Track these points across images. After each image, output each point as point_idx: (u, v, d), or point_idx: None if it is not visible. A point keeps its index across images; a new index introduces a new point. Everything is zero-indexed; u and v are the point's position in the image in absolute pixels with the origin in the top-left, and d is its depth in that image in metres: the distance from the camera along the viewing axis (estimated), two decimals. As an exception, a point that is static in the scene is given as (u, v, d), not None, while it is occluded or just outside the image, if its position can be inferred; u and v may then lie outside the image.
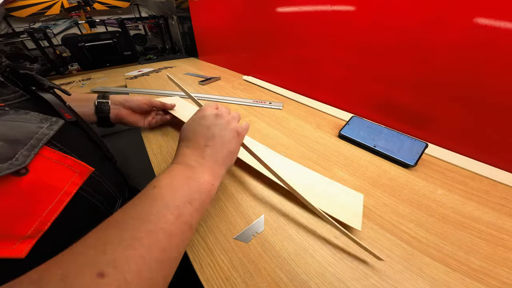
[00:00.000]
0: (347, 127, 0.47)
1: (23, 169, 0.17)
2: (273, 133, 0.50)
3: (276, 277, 0.23)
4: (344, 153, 0.43)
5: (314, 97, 0.67)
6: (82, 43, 1.31)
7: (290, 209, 0.31)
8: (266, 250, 0.26)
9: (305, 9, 0.59)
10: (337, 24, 0.52)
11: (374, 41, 0.46)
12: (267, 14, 0.72)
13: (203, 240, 0.27)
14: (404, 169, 0.38)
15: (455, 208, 0.31)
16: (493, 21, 0.32)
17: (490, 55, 0.33)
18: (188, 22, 1.35)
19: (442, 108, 0.41)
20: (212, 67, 1.17)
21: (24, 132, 0.19)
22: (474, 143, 0.39)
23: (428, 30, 0.38)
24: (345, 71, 0.55)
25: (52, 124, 0.21)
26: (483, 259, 0.25)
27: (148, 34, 1.90)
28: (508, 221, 0.29)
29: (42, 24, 1.48)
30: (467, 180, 0.36)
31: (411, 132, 0.46)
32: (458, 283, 0.23)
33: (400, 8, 0.41)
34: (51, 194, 0.19)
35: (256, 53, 0.87)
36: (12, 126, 0.19)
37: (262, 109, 0.62)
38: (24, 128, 0.19)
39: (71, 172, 0.22)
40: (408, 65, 0.43)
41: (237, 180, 0.36)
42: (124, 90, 0.92)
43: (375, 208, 0.31)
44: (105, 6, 1.68)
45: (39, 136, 0.19)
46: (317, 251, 0.25)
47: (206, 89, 0.81)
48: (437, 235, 0.27)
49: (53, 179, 0.20)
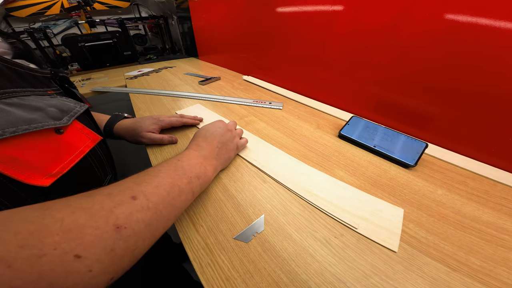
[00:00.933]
0: (347, 127, 0.47)
1: (62, 129, 0.27)
2: (273, 133, 0.50)
3: (276, 277, 0.23)
4: (344, 153, 0.43)
5: (314, 97, 0.67)
6: (82, 43, 1.31)
7: (290, 209, 0.31)
8: (266, 250, 0.26)
9: (305, 9, 0.59)
10: (337, 24, 0.52)
11: (375, 41, 0.46)
12: (267, 14, 0.72)
13: (203, 240, 0.27)
14: (404, 169, 0.38)
15: (455, 208, 0.31)
16: (494, 21, 0.32)
17: (490, 55, 0.33)
18: (188, 22, 1.35)
19: (442, 108, 0.41)
20: (212, 67, 1.17)
21: (68, 107, 0.30)
22: (474, 143, 0.39)
23: (427, 30, 0.38)
24: (345, 71, 0.55)
25: (82, 106, 0.32)
26: (483, 259, 0.25)
27: (148, 34, 1.90)
28: (508, 221, 0.29)
29: (42, 24, 1.48)
30: (467, 180, 0.36)
31: (411, 132, 0.46)
32: (458, 283, 0.23)
33: (400, 8, 0.41)
34: (73, 150, 0.28)
35: (256, 53, 0.87)
36: (61, 102, 0.29)
37: (262, 109, 0.62)
38: (67, 105, 0.30)
39: (87, 138, 0.31)
40: (408, 65, 0.43)
41: (237, 180, 0.36)
42: (124, 90, 0.92)
43: (375, 208, 0.31)
44: (105, 6, 1.68)
45: (75, 111, 0.30)
46: (317, 251, 0.25)
47: (206, 89, 0.81)
48: (437, 235, 0.27)
49: (76, 140, 0.29)
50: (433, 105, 0.42)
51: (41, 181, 0.24)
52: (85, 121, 0.33)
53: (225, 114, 0.60)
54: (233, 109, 0.62)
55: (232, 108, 0.63)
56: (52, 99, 0.28)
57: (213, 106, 0.65)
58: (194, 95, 0.74)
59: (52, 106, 0.27)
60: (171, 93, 0.77)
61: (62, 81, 0.34)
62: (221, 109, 0.63)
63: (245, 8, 0.83)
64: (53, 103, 0.27)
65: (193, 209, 0.31)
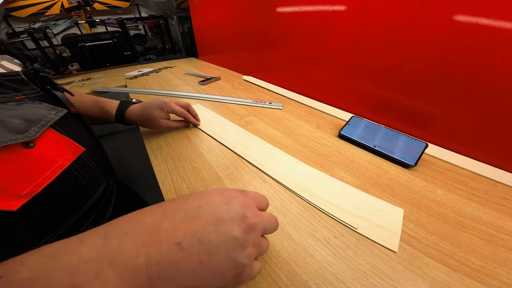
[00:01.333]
0: (347, 127, 0.47)
1: (32, 143, 0.22)
2: (273, 133, 0.50)
3: (276, 277, 0.23)
4: (344, 153, 0.43)
5: (314, 97, 0.67)
6: (82, 43, 1.31)
7: (290, 209, 0.31)
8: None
9: (305, 9, 0.59)
10: (337, 24, 0.52)
11: (375, 41, 0.46)
12: (267, 14, 0.72)
13: (203, 240, 0.27)
14: (404, 169, 0.38)
15: (455, 208, 0.31)
16: (494, 21, 0.32)
17: (490, 55, 0.33)
18: (188, 22, 1.35)
19: (442, 107, 0.41)
20: (212, 67, 1.17)
21: (37, 115, 0.24)
22: (474, 143, 0.39)
23: (427, 30, 0.38)
24: (345, 71, 0.55)
25: (58, 112, 0.27)
26: (483, 259, 0.25)
27: (148, 34, 1.90)
28: (508, 221, 0.29)
29: (42, 24, 1.48)
30: (467, 180, 0.36)
31: (411, 132, 0.46)
32: (458, 283, 0.22)
33: (400, 8, 0.41)
34: (48, 165, 0.24)
35: (256, 53, 0.87)
36: (29, 110, 0.24)
37: (262, 109, 0.62)
38: (37, 112, 0.25)
39: (66, 150, 0.26)
40: (408, 65, 0.43)
41: (237, 180, 0.36)
42: (124, 90, 0.92)
43: (375, 208, 0.31)
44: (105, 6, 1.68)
45: (47, 119, 0.25)
46: (317, 251, 0.25)
47: (206, 89, 0.81)
48: (437, 235, 0.27)
49: (52, 153, 0.25)
50: (433, 105, 0.42)
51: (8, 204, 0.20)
52: (67, 129, 0.28)
53: (225, 114, 0.60)
54: (233, 109, 0.62)
55: (232, 108, 0.63)
56: (19, 107, 0.24)
57: (213, 106, 0.65)
58: (194, 95, 0.74)
59: (16, 117, 0.22)
60: (171, 93, 0.77)
61: (43, 82, 0.30)
62: (221, 109, 0.63)
63: (245, 8, 0.83)
64: (17, 113, 0.23)
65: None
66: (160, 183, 0.36)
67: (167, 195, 0.34)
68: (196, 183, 0.36)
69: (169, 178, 0.37)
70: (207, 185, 0.35)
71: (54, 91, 0.31)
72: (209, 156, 0.42)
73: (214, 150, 0.44)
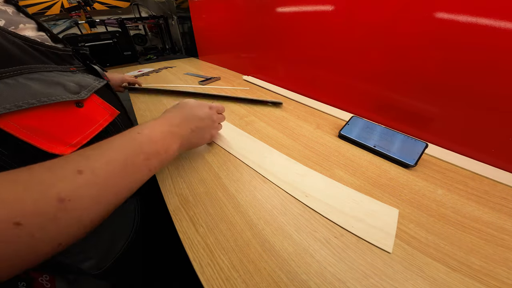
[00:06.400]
0: (347, 127, 0.47)
1: (81, 103, 0.29)
2: (272, 133, 0.50)
3: (276, 277, 0.23)
4: (344, 153, 0.43)
5: (314, 97, 0.67)
6: (82, 43, 1.31)
7: (290, 209, 0.31)
8: (266, 250, 0.26)
9: (305, 9, 0.59)
10: (337, 24, 0.52)
11: (375, 41, 0.46)
12: (267, 14, 0.72)
13: (203, 240, 0.27)
14: (404, 169, 0.38)
15: (455, 208, 0.31)
16: (494, 21, 0.32)
17: (490, 55, 0.33)
18: (188, 22, 1.35)
19: (442, 107, 0.41)
20: (212, 67, 1.17)
21: (86, 82, 0.31)
22: (474, 143, 0.39)
23: (427, 30, 0.38)
24: (345, 71, 0.55)
25: (100, 81, 0.34)
26: (483, 259, 0.25)
27: (148, 34, 1.90)
28: (508, 221, 0.29)
29: (42, 24, 1.48)
30: (467, 180, 0.36)
31: (411, 132, 0.46)
32: (458, 283, 0.22)
33: (400, 8, 0.41)
34: (92, 123, 0.30)
35: (256, 53, 0.87)
36: (80, 78, 0.31)
37: (262, 109, 0.62)
38: (86, 80, 0.32)
39: (105, 112, 0.33)
40: (408, 65, 0.43)
41: (237, 180, 0.36)
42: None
43: (375, 208, 0.31)
44: (105, 6, 1.68)
45: (93, 86, 0.32)
46: (317, 251, 0.25)
47: (206, 89, 0.81)
48: (437, 235, 0.27)
49: (95, 114, 0.31)
50: (433, 105, 0.42)
51: (62, 150, 0.25)
52: (106, 96, 0.35)
53: (225, 114, 0.59)
54: (233, 109, 0.62)
55: (232, 108, 0.63)
56: (74, 75, 0.31)
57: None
58: (194, 92, 0.74)
59: (72, 81, 0.29)
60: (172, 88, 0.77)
61: (84, 58, 0.37)
62: (221, 109, 0.63)
63: (245, 8, 0.83)
64: (73, 79, 0.29)
65: (193, 209, 0.31)
66: (160, 183, 0.36)
67: (167, 195, 0.34)
68: (196, 183, 0.36)
69: (169, 178, 0.37)
70: (207, 185, 0.35)
71: (93, 65, 0.38)
72: (209, 156, 0.42)
73: (214, 150, 0.44)
